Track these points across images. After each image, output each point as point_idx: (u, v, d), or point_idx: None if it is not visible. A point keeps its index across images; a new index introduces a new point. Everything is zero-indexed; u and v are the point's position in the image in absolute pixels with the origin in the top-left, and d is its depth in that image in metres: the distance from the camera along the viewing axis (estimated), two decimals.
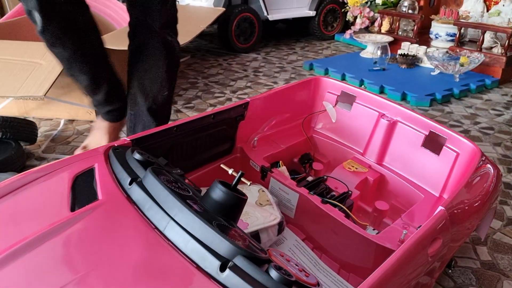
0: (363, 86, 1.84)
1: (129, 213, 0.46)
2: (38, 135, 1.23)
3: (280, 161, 0.85)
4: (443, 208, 0.56)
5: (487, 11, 2.16)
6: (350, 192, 0.78)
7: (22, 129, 1.13)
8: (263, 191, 0.74)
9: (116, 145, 0.60)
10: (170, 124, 0.69)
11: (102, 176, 0.52)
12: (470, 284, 0.76)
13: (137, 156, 0.55)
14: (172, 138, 0.70)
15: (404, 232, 0.62)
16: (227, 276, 0.39)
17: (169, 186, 0.48)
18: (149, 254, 0.42)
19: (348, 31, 2.58)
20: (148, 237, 0.44)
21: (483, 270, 0.79)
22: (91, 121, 1.40)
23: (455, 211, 0.59)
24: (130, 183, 0.50)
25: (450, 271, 0.77)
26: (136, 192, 0.48)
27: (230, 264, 0.40)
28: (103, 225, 0.45)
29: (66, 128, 1.37)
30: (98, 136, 0.98)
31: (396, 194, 0.82)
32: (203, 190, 0.72)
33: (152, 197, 0.47)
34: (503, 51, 1.91)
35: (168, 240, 0.43)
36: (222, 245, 0.42)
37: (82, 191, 0.50)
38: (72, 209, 0.47)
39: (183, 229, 0.43)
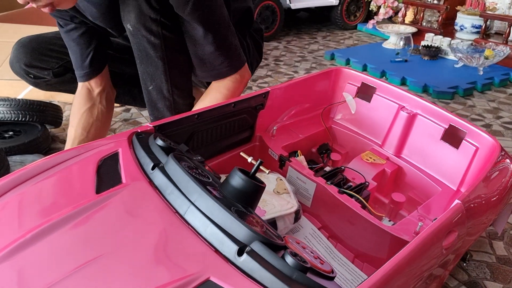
0: (384, 77, 1.82)
1: (152, 197, 0.48)
2: (63, 118, 1.27)
3: (299, 151, 0.86)
4: (459, 201, 0.56)
5: None
6: (367, 183, 0.78)
7: (48, 112, 1.17)
8: (281, 179, 0.75)
9: (139, 130, 0.62)
10: (192, 111, 0.70)
11: (126, 161, 0.54)
12: (485, 278, 0.76)
13: (159, 142, 0.57)
14: (193, 126, 0.72)
15: (419, 224, 0.62)
16: (244, 260, 0.40)
17: (190, 172, 0.50)
18: (170, 237, 0.44)
19: (371, 21, 2.54)
20: (169, 220, 0.45)
21: (499, 265, 0.79)
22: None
23: (472, 205, 0.59)
24: (153, 168, 0.52)
25: (464, 264, 0.77)
26: (158, 177, 0.50)
27: (247, 249, 0.41)
28: (126, 208, 0.47)
29: None
30: None
31: (413, 187, 0.82)
32: (222, 177, 0.74)
33: (174, 182, 0.49)
34: None
35: (188, 224, 0.45)
36: (240, 230, 0.43)
37: (107, 174, 0.52)
38: (98, 191, 0.49)
39: (203, 214, 0.45)
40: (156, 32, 0.80)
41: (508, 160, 0.71)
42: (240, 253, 0.41)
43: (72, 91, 1.05)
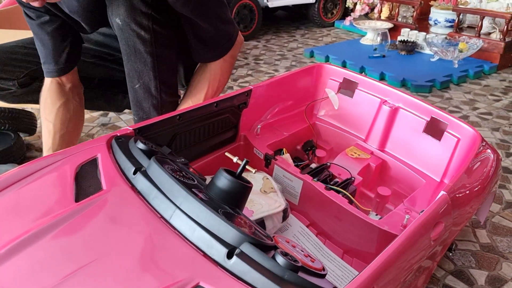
0: (363, 73, 1.84)
1: (134, 202, 0.47)
2: (38, 126, 1.22)
3: (284, 149, 0.85)
4: (445, 192, 0.57)
5: None
6: (353, 179, 0.78)
7: (21, 120, 1.13)
8: (267, 178, 0.74)
9: (118, 134, 0.60)
10: (173, 112, 0.69)
11: (105, 166, 0.52)
12: (470, 267, 0.77)
13: (140, 145, 0.55)
14: (175, 127, 0.70)
15: (406, 217, 0.63)
16: (234, 263, 0.39)
17: (173, 175, 0.48)
18: (156, 243, 0.43)
19: (348, 18, 2.56)
20: (154, 226, 0.44)
21: (483, 253, 0.80)
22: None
23: (457, 196, 0.59)
24: (134, 173, 0.50)
25: (451, 254, 0.78)
26: (140, 181, 0.49)
27: (237, 251, 0.40)
28: (108, 215, 0.46)
29: None
30: None
31: (398, 180, 0.83)
32: (208, 178, 0.72)
33: (157, 186, 0.47)
34: (501, 37, 1.91)
35: (175, 229, 0.44)
36: (228, 232, 0.42)
37: (86, 181, 0.50)
38: (77, 199, 0.47)
39: (189, 218, 0.44)
40: (147, 26, 0.78)
41: (489, 150, 0.72)
42: (229, 255, 0.40)
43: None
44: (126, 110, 1.28)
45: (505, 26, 1.87)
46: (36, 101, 1.05)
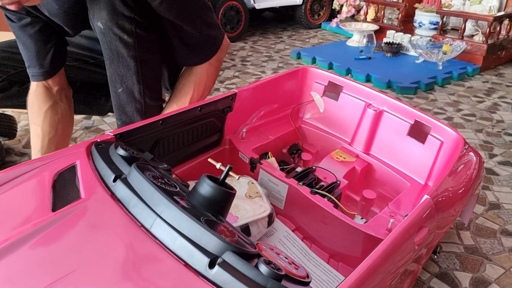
0: (350, 75, 1.84)
1: (114, 211, 0.45)
2: (18, 129, 1.19)
3: (269, 152, 0.84)
4: (428, 196, 0.57)
5: None
6: (338, 182, 0.78)
7: (1, 123, 1.10)
8: (252, 183, 0.73)
9: (98, 140, 0.59)
10: (156, 117, 0.68)
11: (84, 174, 0.51)
12: (455, 269, 0.77)
13: (121, 151, 0.54)
14: (158, 132, 0.69)
15: (391, 221, 0.63)
16: (216, 272, 0.39)
17: (155, 182, 0.47)
18: (136, 253, 0.41)
19: (335, 20, 2.57)
20: (134, 235, 0.43)
21: (467, 255, 0.81)
22: None
23: (440, 199, 0.60)
24: (114, 180, 0.49)
25: (435, 256, 0.79)
26: (120, 189, 0.47)
27: (219, 260, 0.39)
28: (86, 224, 0.44)
29: None
30: None
31: (383, 183, 0.83)
32: (192, 183, 0.71)
33: (138, 194, 0.46)
34: (484, 39, 1.94)
35: (155, 238, 0.42)
36: (210, 241, 0.41)
37: (63, 189, 0.49)
38: (54, 209, 0.46)
39: (171, 226, 0.43)
40: (130, 30, 0.77)
41: (472, 153, 0.73)
42: (211, 265, 0.39)
43: (20, 105, 0.99)
44: (110, 113, 1.26)
45: (488, 29, 1.90)
46: (16, 106, 1.02)
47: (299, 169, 0.84)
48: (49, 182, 0.50)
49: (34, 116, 0.90)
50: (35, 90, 0.90)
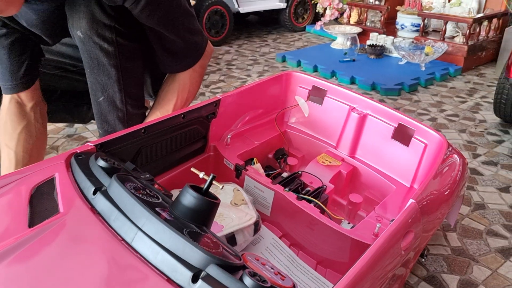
0: (334, 77, 1.85)
1: (94, 225, 0.44)
2: None
3: (255, 158, 0.84)
4: (413, 200, 0.57)
5: (449, 1, 2.22)
6: (324, 187, 0.78)
7: None
8: (238, 190, 0.72)
9: (78, 151, 0.57)
10: (138, 126, 0.66)
11: (63, 187, 0.49)
12: (442, 272, 0.78)
13: (101, 162, 0.52)
14: (141, 141, 0.67)
15: (378, 226, 0.62)
16: (200, 287, 0.37)
17: (136, 194, 0.46)
18: (117, 269, 0.40)
19: (319, 23, 2.59)
20: (115, 250, 0.41)
21: (454, 256, 0.81)
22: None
23: (425, 203, 0.60)
24: (94, 193, 0.47)
25: (423, 260, 0.79)
26: (100, 202, 0.46)
27: (202, 274, 0.38)
28: (65, 240, 0.43)
29: None
30: None
31: (369, 186, 0.83)
32: (176, 192, 0.70)
33: (118, 207, 0.45)
34: (464, 40, 1.97)
35: (137, 252, 0.41)
36: (193, 254, 0.40)
37: (41, 204, 0.47)
38: (31, 224, 0.44)
39: (152, 240, 0.41)
40: (110, 39, 0.76)
41: (455, 155, 0.74)
42: (194, 279, 0.38)
43: None
44: (93, 121, 1.23)
45: (468, 30, 1.93)
46: None
47: (285, 174, 0.83)
48: (25, 196, 0.49)
49: (7, 138, 0.86)
50: (8, 107, 0.86)
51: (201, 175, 0.53)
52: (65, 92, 1.05)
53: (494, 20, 2.09)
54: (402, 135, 0.78)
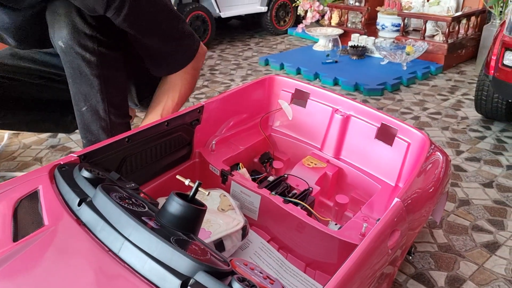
0: (318, 79, 1.87)
1: (80, 237, 0.43)
2: None
3: (240, 163, 0.84)
4: (398, 199, 0.58)
5: (428, 0, 2.26)
6: (310, 189, 0.78)
7: None
8: (224, 196, 0.72)
9: (62, 162, 0.56)
10: (121, 135, 0.66)
11: (47, 199, 0.49)
12: (430, 268, 0.79)
13: (85, 173, 0.52)
14: (125, 150, 0.67)
15: (364, 226, 0.63)
16: None
17: (121, 204, 0.45)
18: (105, 280, 0.40)
19: (300, 25, 2.61)
20: (102, 261, 0.41)
21: (441, 253, 0.83)
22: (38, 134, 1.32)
23: (410, 201, 0.61)
24: (79, 204, 0.47)
25: (410, 257, 0.80)
26: (86, 213, 0.46)
27: (191, 281, 0.38)
28: (51, 253, 0.42)
29: (10, 143, 1.29)
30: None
31: (355, 187, 0.84)
32: (162, 200, 0.69)
33: (104, 218, 0.44)
34: (444, 39, 2.01)
35: (124, 262, 0.41)
36: (181, 262, 0.40)
37: (25, 217, 0.46)
38: (15, 238, 0.43)
39: (139, 249, 0.41)
40: (92, 49, 0.75)
41: (438, 153, 0.75)
42: (183, 287, 0.38)
43: None
44: (77, 130, 1.22)
45: (447, 29, 1.98)
46: None
47: (271, 178, 0.83)
48: (9, 210, 0.48)
49: None
50: None
51: (186, 182, 0.53)
52: (50, 101, 1.04)
53: (473, 18, 2.14)
54: (386, 135, 0.80)
